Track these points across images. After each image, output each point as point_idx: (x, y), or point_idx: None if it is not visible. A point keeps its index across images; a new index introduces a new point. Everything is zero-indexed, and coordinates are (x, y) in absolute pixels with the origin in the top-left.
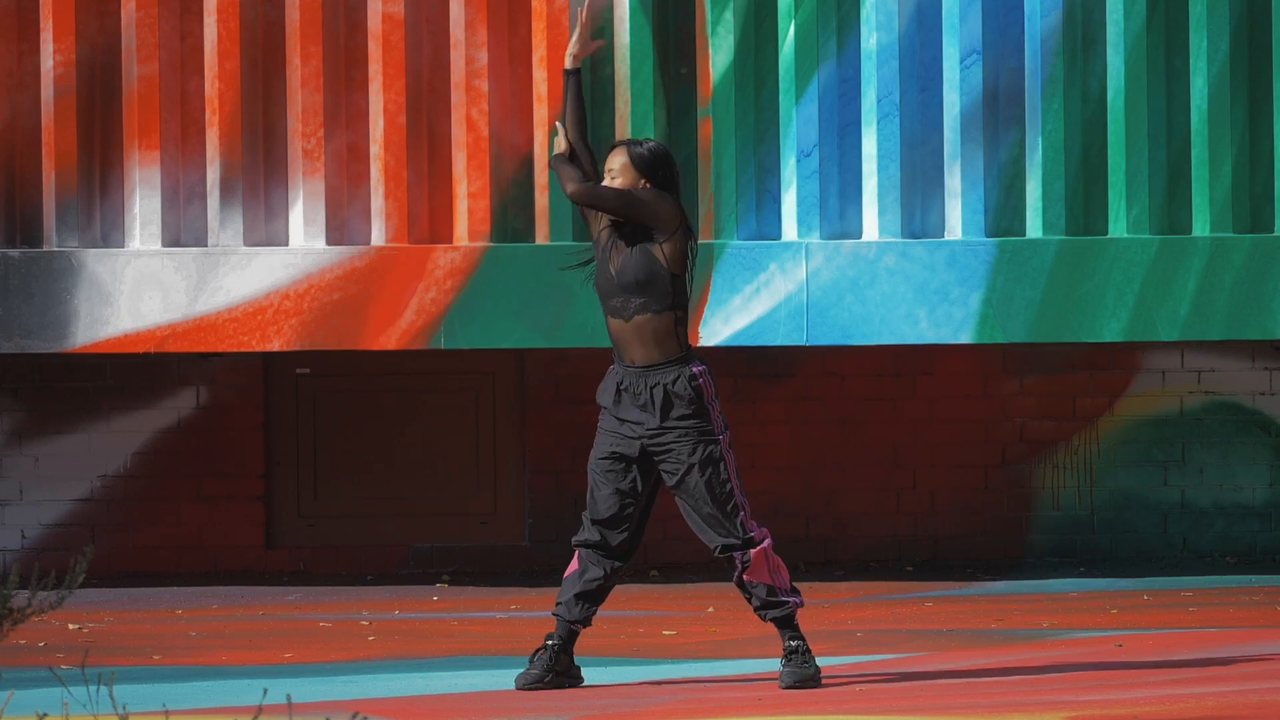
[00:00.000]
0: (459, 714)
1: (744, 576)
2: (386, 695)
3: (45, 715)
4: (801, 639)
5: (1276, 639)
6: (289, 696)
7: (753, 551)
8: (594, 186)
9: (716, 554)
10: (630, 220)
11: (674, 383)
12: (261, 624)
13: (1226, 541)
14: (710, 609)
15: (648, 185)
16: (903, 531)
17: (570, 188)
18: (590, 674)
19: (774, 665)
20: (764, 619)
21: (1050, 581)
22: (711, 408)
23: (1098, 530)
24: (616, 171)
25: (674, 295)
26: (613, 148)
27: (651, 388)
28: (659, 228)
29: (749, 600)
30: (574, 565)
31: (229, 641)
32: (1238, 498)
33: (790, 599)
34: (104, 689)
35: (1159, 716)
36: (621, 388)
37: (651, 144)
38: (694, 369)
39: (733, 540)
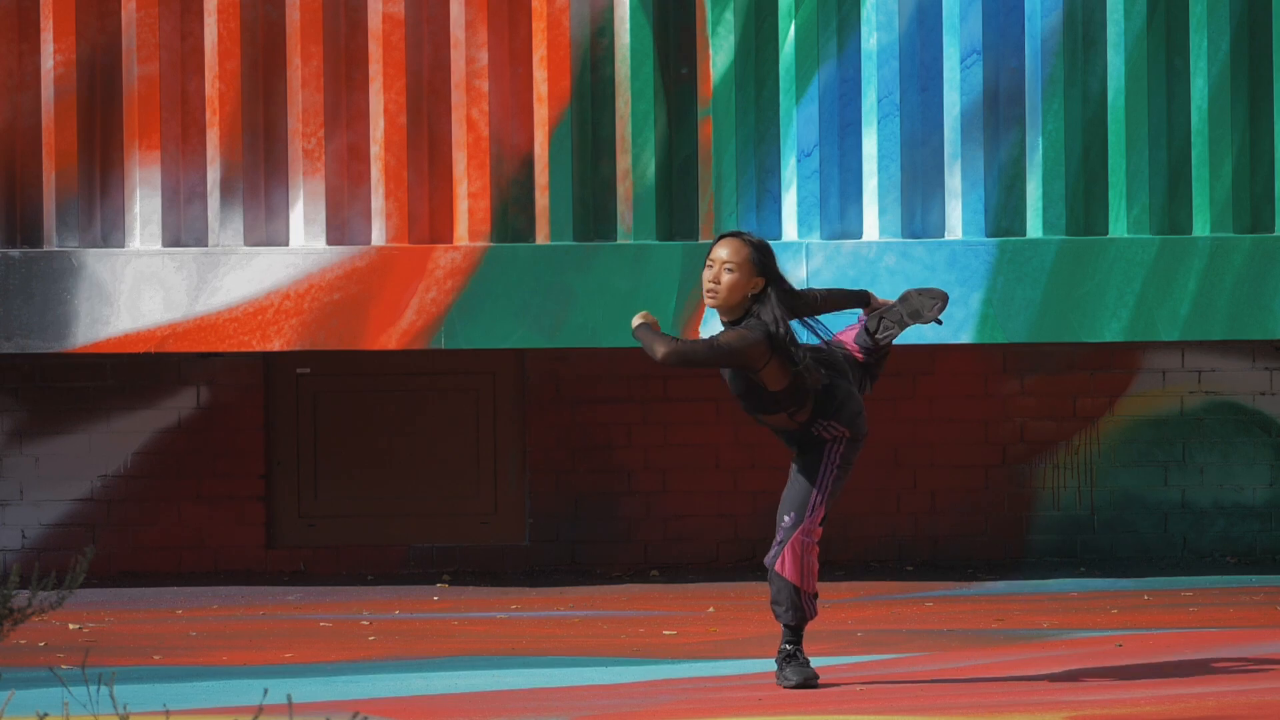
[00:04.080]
0: (459, 714)
1: (775, 568)
2: (386, 695)
3: (46, 715)
4: (799, 645)
5: (1276, 639)
6: (289, 696)
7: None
8: (683, 348)
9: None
10: (725, 367)
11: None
12: (262, 624)
13: (1226, 541)
14: (710, 609)
15: (758, 285)
16: (903, 531)
17: (662, 351)
18: (590, 674)
19: (774, 665)
20: (776, 617)
21: (1050, 581)
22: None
23: (1098, 530)
24: (733, 265)
25: (779, 404)
26: (720, 238)
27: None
28: (751, 367)
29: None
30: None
31: (229, 641)
32: (1238, 498)
33: (807, 608)
34: (104, 689)
35: (1159, 716)
36: None
37: (757, 238)
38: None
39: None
